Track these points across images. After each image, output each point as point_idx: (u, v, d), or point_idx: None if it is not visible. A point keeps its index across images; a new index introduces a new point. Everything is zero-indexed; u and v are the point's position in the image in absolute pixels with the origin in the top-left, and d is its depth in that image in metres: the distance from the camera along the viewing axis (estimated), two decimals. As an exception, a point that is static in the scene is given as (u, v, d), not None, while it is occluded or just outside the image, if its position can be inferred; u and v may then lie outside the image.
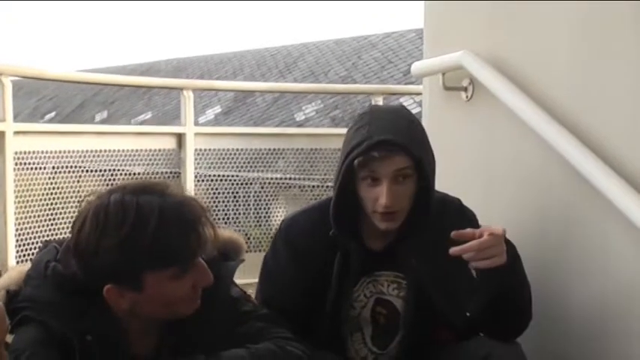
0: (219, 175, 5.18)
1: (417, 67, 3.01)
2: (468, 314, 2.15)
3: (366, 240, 2.17)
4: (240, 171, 5.25)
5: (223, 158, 5.17)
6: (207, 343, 1.81)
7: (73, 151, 4.35)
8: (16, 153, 4.06)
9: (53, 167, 4.27)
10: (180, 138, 4.94)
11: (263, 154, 5.32)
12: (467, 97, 2.79)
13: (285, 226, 2.24)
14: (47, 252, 1.86)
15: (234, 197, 5.21)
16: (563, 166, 2.29)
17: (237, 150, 5.22)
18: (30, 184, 4.16)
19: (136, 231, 1.68)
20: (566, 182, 2.34)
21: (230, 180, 5.20)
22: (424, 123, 2.98)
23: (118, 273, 1.71)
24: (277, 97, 13.16)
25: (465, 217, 2.23)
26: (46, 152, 4.27)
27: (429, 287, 2.14)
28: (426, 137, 2.16)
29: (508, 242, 2.03)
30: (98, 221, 1.70)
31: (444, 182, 2.38)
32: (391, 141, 2.02)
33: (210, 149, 5.11)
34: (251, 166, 5.29)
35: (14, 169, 4.05)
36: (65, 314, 1.75)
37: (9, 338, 1.72)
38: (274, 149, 5.33)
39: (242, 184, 5.25)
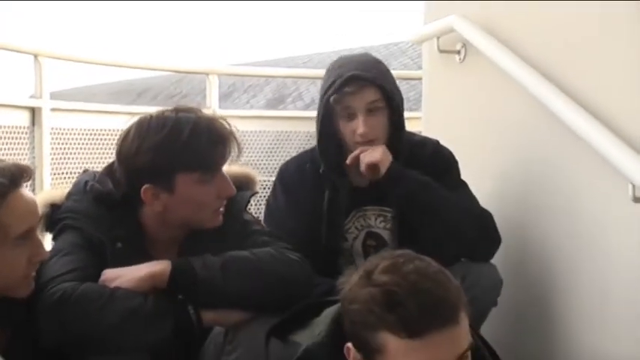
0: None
1: (415, 32, 3.29)
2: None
3: (353, 177, 2.45)
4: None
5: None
6: None
7: (108, 130, 4.60)
8: (52, 129, 4.35)
9: (88, 144, 4.54)
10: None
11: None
12: (460, 59, 3.07)
13: (280, 170, 2.56)
14: (86, 175, 2.16)
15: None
16: (545, 117, 2.52)
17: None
18: (65, 160, 4.41)
19: (171, 136, 1.96)
20: (548, 130, 2.57)
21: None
22: (424, 84, 3.28)
23: (154, 173, 1.98)
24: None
25: (441, 154, 2.52)
26: (82, 130, 4.56)
27: (414, 215, 2.41)
28: (393, 77, 2.45)
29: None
30: (140, 128, 1.99)
31: (440, 133, 2.67)
32: (361, 76, 2.33)
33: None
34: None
35: (51, 145, 4.33)
36: (100, 224, 2.03)
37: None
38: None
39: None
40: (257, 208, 3.81)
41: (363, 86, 2.33)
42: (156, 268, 1.93)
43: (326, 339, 1.65)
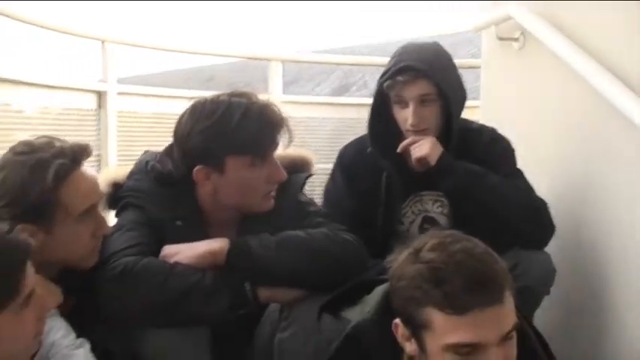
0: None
1: (474, 20, 3.30)
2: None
3: (409, 163, 2.47)
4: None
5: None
6: None
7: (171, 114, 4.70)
8: (118, 112, 4.47)
9: (152, 127, 4.65)
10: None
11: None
12: (519, 47, 3.07)
13: (340, 153, 2.61)
14: (147, 155, 2.24)
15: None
16: (605, 107, 2.49)
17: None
18: (131, 142, 4.53)
19: (223, 119, 2.03)
20: (607, 122, 2.55)
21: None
22: (482, 72, 3.29)
23: (206, 154, 2.05)
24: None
25: (497, 142, 2.54)
26: (147, 113, 4.68)
27: (466, 204, 2.43)
28: (453, 70, 2.46)
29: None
30: (195, 111, 2.07)
31: (498, 121, 2.68)
32: (414, 67, 2.36)
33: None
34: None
35: (117, 127, 4.45)
36: (160, 202, 2.11)
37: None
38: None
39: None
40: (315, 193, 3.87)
41: (416, 77, 2.36)
42: (214, 245, 2.00)
43: (375, 316, 1.71)
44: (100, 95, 4.34)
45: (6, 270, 1.44)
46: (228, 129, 2.03)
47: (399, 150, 2.42)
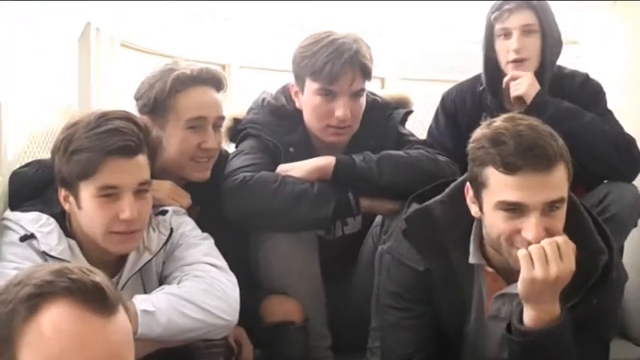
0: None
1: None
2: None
3: (507, 103, 2.66)
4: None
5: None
6: None
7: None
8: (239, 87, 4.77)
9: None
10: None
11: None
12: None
13: (442, 96, 2.82)
14: (264, 93, 2.52)
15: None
16: None
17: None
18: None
19: (313, 45, 2.29)
20: None
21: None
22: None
23: (295, 72, 2.36)
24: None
25: (589, 85, 2.70)
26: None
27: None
28: (551, 11, 2.62)
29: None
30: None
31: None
32: None
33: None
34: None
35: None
36: (275, 132, 2.39)
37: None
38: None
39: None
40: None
41: (520, 7, 2.56)
42: (322, 161, 2.27)
43: (446, 198, 1.95)
44: (224, 68, 4.65)
45: (90, 148, 1.75)
46: (309, 53, 2.30)
47: (504, 84, 2.59)
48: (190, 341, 1.84)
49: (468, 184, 1.86)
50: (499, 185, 1.74)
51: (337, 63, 2.26)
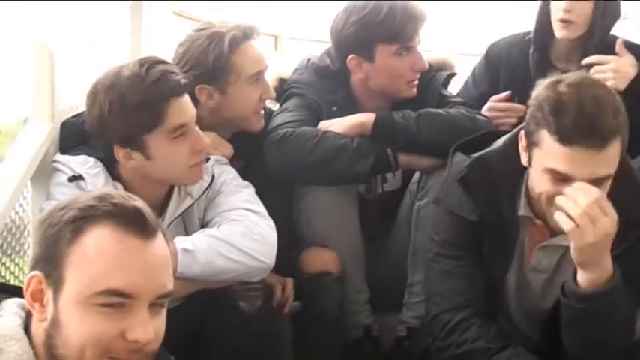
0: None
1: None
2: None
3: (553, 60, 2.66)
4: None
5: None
6: None
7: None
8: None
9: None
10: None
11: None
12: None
13: (489, 45, 2.79)
14: (309, 55, 2.57)
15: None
16: None
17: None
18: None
19: (373, 12, 2.32)
20: None
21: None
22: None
23: (358, 44, 2.36)
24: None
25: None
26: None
27: None
28: None
29: None
30: (348, 8, 2.38)
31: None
32: None
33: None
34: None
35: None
36: (319, 91, 2.44)
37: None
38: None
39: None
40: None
41: None
42: (362, 117, 2.32)
43: (501, 149, 1.97)
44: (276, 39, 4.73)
45: (153, 97, 1.82)
46: (377, 20, 2.32)
47: (584, 62, 2.51)
48: (228, 283, 1.92)
49: (522, 132, 1.88)
50: (551, 151, 1.75)
51: (412, 21, 2.34)
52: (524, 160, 1.88)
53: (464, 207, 2.00)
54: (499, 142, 2.00)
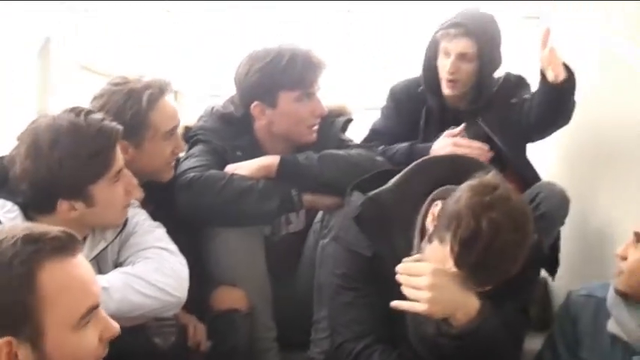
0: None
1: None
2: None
3: (446, 100, 2.89)
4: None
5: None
6: None
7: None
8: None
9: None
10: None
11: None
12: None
13: (390, 89, 3.01)
14: (212, 103, 2.69)
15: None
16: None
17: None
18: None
19: (275, 59, 2.47)
20: None
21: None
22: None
23: (261, 91, 2.49)
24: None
25: (522, 84, 2.92)
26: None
27: (495, 135, 2.81)
28: (498, 41, 2.84)
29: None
30: (251, 55, 2.52)
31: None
32: (462, 24, 2.77)
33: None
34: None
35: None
36: (224, 137, 2.55)
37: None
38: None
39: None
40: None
41: (461, 34, 2.77)
42: (267, 160, 2.44)
43: (394, 187, 2.11)
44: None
45: (102, 146, 1.90)
46: (280, 67, 2.46)
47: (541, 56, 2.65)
48: (143, 320, 1.97)
49: (438, 206, 1.98)
50: (448, 254, 1.88)
51: (312, 68, 2.49)
52: (429, 225, 2.00)
53: (360, 244, 2.14)
54: (392, 180, 2.14)
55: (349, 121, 2.72)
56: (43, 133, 1.89)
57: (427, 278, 1.87)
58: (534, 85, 2.84)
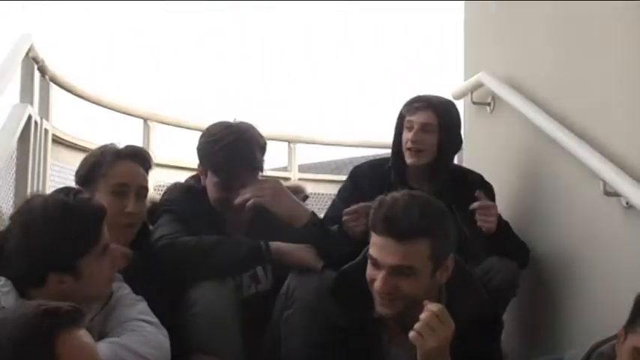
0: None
1: (456, 88, 3.98)
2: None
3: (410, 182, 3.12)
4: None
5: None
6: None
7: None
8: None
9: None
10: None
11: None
12: (490, 110, 3.75)
13: (352, 170, 3.25)
14: (175, 181, 2.96)
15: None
16: (548, 148, 3.11)
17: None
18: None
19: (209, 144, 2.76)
20: (568, 172, 3.09)
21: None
22: (464, 131, 3.91)
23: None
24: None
25: (488, 183, 3.17)
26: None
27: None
28: (457, 119, 3.14)
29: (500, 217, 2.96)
30: (209, 128, 2.82)
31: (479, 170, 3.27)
32: (427, 100, 3.07)
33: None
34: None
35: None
36: (187, 206, 2.79)
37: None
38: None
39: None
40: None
41: (424, 107, 3.06)
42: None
43: (362, 259, 2.28)
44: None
45: (90, 222, 2.07)
46: (209, 153, 2.81)
47: (471, 208, 2.93)
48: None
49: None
50: (371, 240, 2.17)
51: (235, 165, 2.72)
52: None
53: (334, 315, 2.30)
54: (361, 254, 2.32)
55: (305, 197, 3.02)
56: (36, 212, 2.05)
57: (430, 314, 2.03)
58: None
